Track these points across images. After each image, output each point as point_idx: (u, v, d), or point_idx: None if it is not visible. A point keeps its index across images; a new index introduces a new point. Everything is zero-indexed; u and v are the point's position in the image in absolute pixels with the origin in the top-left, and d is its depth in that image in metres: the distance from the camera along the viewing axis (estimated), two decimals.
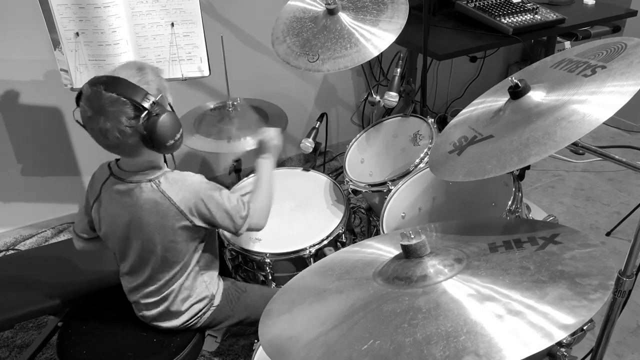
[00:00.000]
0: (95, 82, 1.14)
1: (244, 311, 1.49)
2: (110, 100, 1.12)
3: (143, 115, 1.13)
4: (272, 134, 1.52)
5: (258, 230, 1.42)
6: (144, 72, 1.20)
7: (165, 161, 1.39)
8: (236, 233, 1.35)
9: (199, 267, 1.38)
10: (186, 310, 1.39)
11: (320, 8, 1.81)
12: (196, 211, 1.27)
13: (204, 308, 1.42)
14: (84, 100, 1.16)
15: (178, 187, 1.25)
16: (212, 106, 2.13)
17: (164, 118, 1.15)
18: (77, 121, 1.20)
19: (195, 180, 1.28)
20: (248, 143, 1.91)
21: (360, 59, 1.65)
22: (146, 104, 1.13)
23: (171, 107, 1.23)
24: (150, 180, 1.24)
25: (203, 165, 2.81)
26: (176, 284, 1.35)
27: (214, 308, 1.45)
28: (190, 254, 1.34)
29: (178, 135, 1.21)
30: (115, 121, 1.12)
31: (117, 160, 1.31)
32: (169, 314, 1.38)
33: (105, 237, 1.36)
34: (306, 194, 1.80)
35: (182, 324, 1.40)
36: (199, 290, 1.40)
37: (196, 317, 1.41)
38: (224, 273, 1.60)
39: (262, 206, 1.42)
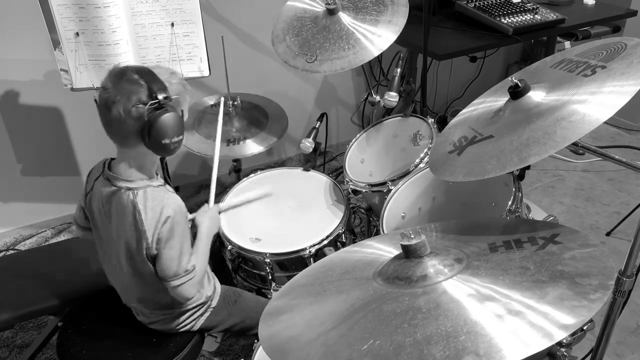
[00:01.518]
0: (127, 65, 1.21)
1: (239, 314, 1.49)
2: (131, 78, 1.16)
3: (152, 102, 1.14)
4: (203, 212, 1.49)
5: (184, 298, 1.31)
6: (173, 76, 1.24)
7: (165, 176, 1.38)
8: (169, 279, 1.25)
9: None
10: (179, 315, 1.39)
11: (320, 8, 1.81)
12: (159, 233, 1.22)
13: (199, 310, 1.42)
14: (109, 73, 1.19)
15: (151, 205, 1.22)
16: (211, 102, 2.12)
17: (170, 115, 1.17)
18: (95, 100, 1.22)
19: (172, 203, 1.23)
20: (248, 146, 1.91)
21: (357, 60, 1.65)
22: (160, 95, 1.15)
23: (183, 116, 1.24)
24: (129, 189, 1.23)
25: (203, 166, 2.81)
26: (161, 292, 1.33)
27: (211, 309, 1.45)
28: None
29: (176, 139, 1.19)
30: (125, 98, 1.14)
31: (111, 160, 1.31)
32: (162, 320, 1.38)
33: (94, 232, 1.36)
34: (306, 194, 1.80)
35: (178, 326, 1.40)
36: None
37: (192, 319, 1.41)
38: (224, 272, 1.60)
39: (199, 276, 1.32)
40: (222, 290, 1.50)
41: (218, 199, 1.76)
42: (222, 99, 1.86)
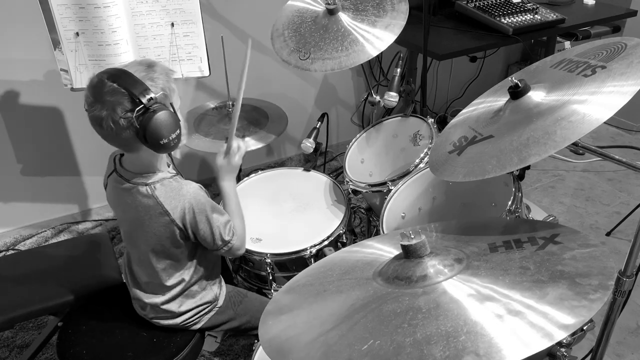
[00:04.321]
0: (102, 72, 1.17)
1: (244, 315, 1.50)
2: (111, 89, 1.12)
3: (138, 108, 1.12)
4: (233, 149, 1.44)
5: (237, 256, 1.43)
6: (152, 69, 1.20)
7: (172, 163, 1.39)
8: (215, 251, 1.34)
9: (200, 270, 1.38)
10: (186, 310, 1.39)
11: (321, 7, 1.81)
12: (187, 221, 1.26)
13: (205, 309, 1.43)
14: (88, 87, 1.17)
15: (172, 195, 1.25)
16: (212, 106, 2.13)
17: (160, 115, 1.14)
18: (85, 109, 1.20)
19: (190, 190, 1.27)
20: (248, 144, 1.91)
21: (348, 62, 1.66)
22: (143, 99, 1.12)
23: (174, 109, 1.21)
24: (146, 185, 1.24)
25: (203, 165, 2.81)
26: (176, 285, 1.36)
27: (217, 309, 1.45)
28: (189, 257, 1.34)
29: (173, 135, 1.18)
30: (111, 111, 1.12)
31: (121, 155, 1.31)
32: (168, 313, 1.38)
33: (118, 223, 1.39)
34: (306, 194, 1.80)
35: (182, 322, 1.40)
36: (199, 292, 1.40)
37: (197, 316, 1.42)
38: (224, 273, 1.60)
39: (241, 233, 1.40)
40: (227, 290, 1.50)
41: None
42: (250, 41, 1.54)
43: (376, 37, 1.67)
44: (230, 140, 1.45)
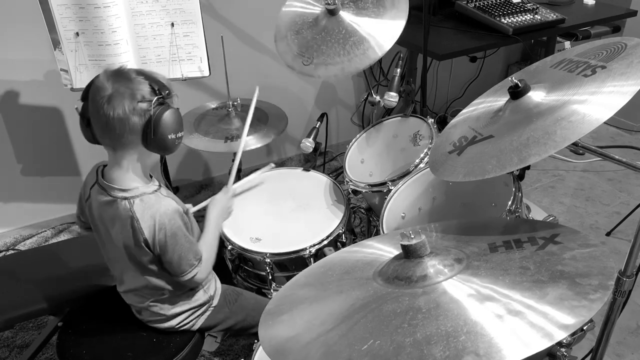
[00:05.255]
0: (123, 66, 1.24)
1: (241, 313, 1.49)
2: (130, 77, 1.18)
3: (158, 97, 1.17)
4: (222, 199, 1.57)
5: (195, 284, 1.37)
6: (168, 81, 1.25)
7: (164, 177, 1.39)
8: (177, 276, 1.30)
9: None
10: (180, 312, 1.39)
11: (319, 9, 1.81)
12: (156, 241, 1.24)
13: (200, 309, 1.43)
14: (105, 74, 1.18)
15: (149, 213, 1.22)
16: (212, 106, 2.13)
17: (174, 110, 1.20)
18: (76, 108, 1.24)
19: (168, 210, 1.24)
20: (247, 142, 1.91)
21: (351, 68, 1.64)
22: (163, 91, 1.19)
23: None
24: (126, 199, 1.23)
25: (203, 166, 2.81)
26: (165, 292, 1.35)
27: (212, 308, 1.45)
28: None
29: (180, 134, 1.23)
30: (129, 94, 1.15)
31: (103, 167, 1.30)
32: (162, 316, 1.38)
33: (96, 237, 1.37)
34: (306, 194, 1.80)
35: (178, 324, 1.40)
36: (193, 294, 1.40)
37: (193, 318, 1.42)
38: (224, 272, 1.60)
39: (207, 265, 1.36)
40: (222, 289, 1.50)
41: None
42: (257, 88, 1.83)
43: (380, 33, 1.65)
44: (231, 183, 1.66)
